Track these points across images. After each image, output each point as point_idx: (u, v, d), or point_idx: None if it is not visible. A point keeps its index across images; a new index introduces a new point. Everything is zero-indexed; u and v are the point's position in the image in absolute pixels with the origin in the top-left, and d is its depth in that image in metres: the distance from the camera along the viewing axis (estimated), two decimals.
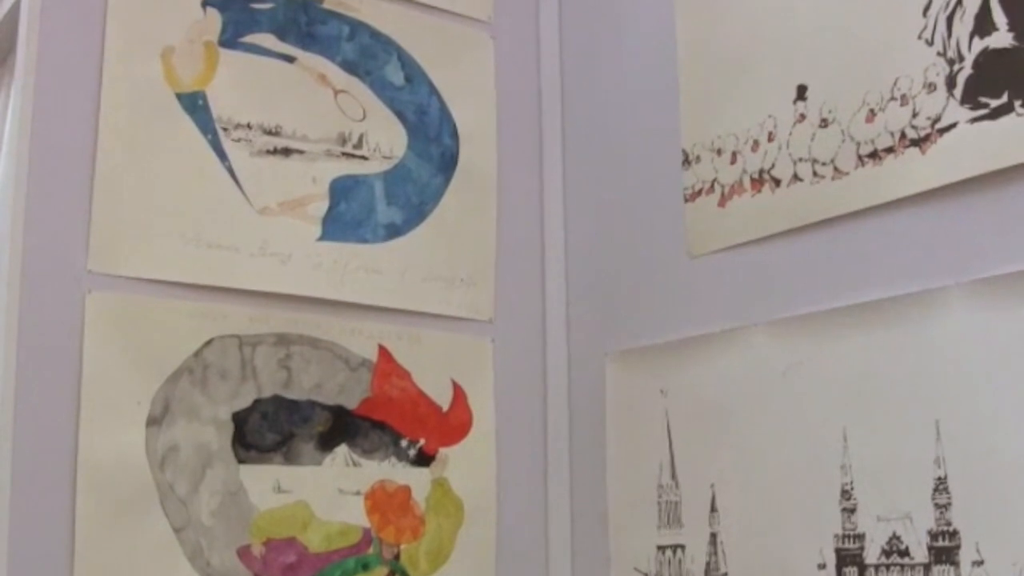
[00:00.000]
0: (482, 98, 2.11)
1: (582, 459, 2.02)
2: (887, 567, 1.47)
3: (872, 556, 1.49)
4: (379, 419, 1.89)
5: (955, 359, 1.42)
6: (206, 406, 1.74)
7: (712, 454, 1.75)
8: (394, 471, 1.89)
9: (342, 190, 1.92)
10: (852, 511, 1.52)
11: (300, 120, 1.90)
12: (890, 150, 1.52)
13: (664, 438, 1.83)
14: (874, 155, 1.54)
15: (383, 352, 1.91)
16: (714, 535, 1.73)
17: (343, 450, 1.85)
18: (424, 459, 1.93)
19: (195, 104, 1.81)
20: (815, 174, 1.63)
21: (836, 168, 1.60)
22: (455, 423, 1.97)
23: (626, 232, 1.97)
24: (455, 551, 1.93)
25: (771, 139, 1.71)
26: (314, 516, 1.80)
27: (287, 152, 1.88)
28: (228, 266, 1.79)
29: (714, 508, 1.74)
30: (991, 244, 1.40)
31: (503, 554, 1.98)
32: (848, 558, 1.52)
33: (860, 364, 1.53)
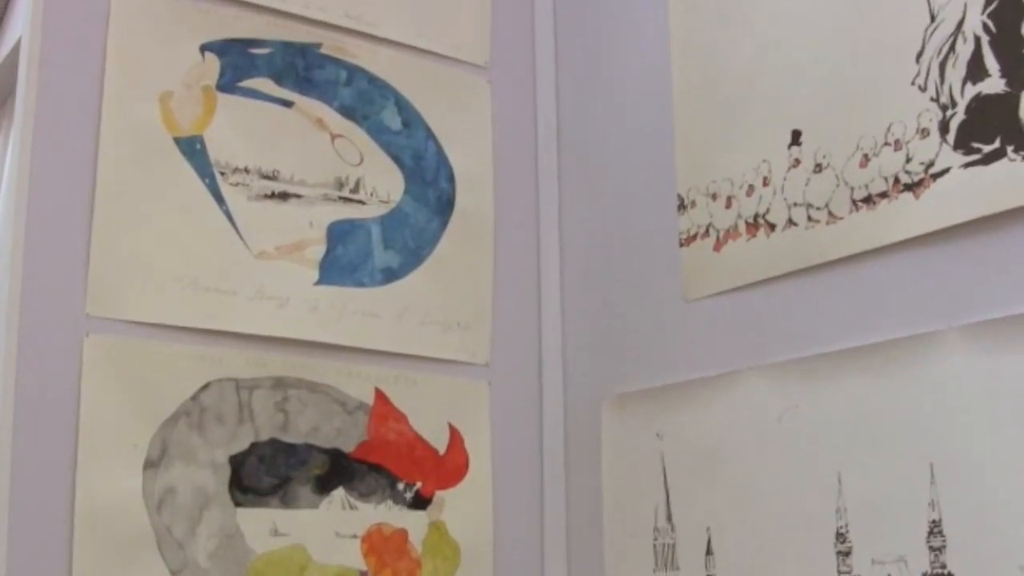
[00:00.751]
0: (479, 142, 2.12)
1: (578, 502, 2.02)
2: None
3: None
4: (376, 462, 1.89)
5: (950, 403, 1.42)
6: (203, 449, 1.73)
7: (708, 497, 1.75)
8: (391, 514, 1.88)
9: (339, 234, 1.93)
10: (847, 554, 1.52)
11: (298, 164, 1.91)
12: (884, 195, 1.53)
13: (660, 481, 1.83)
14: (868, 200, 1.55)
15: (379, 395, 1.91)
16: None
17: (340, 493, 1.85)
18: (421, 502, 1.92)
19: (193, 148, 1.81)
20: (810, 219, 1.64)
21: (831, 213, 1.60)
22: (451, 466, 1.97)
23: (622, 276, 1.98)
24: None
25: (766, 184, 1.72)
26: (311, 559, 1.80)
27: (285, 196, 1.88)
28: (225, 310, 1.79)
29: (710, 551, 1.73)
30: (985, 288, 1.40)
31: None
32: None
33: (855, 408, 1.54)
